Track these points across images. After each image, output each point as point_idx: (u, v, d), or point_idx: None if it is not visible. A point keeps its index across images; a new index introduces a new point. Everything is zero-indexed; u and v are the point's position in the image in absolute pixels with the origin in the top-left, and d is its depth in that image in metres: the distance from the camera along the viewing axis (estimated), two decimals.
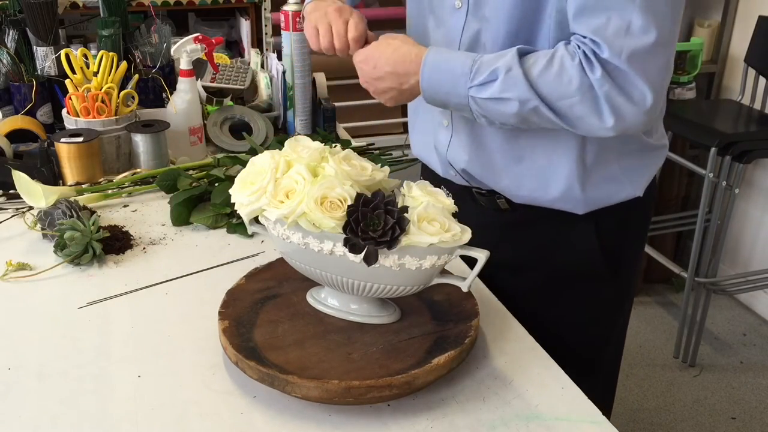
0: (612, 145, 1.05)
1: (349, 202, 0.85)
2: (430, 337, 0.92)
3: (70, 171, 1.40)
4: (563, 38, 0.96)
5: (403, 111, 3.21)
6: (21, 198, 1.36)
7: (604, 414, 0.85)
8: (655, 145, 1.12)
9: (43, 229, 1.21)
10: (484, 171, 1.12)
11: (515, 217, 1.14)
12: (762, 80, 2.53)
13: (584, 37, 0.92)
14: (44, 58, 1.65)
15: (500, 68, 0.94)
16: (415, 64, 1.01)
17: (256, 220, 0.93)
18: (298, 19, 1.57)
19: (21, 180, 1.26)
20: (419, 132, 1.25)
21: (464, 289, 0.92)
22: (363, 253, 0.84)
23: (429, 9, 1.12)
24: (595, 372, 1.28)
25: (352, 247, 0.84)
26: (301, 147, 0.91)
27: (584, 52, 0.91)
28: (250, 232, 0.97)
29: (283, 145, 0.93)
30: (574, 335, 1.18)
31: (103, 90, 1.46)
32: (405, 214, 0.84)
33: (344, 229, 0.84)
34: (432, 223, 0.85)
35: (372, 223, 0.83)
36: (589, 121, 0.93)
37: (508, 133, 1.07)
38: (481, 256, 0.88)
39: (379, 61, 1.03)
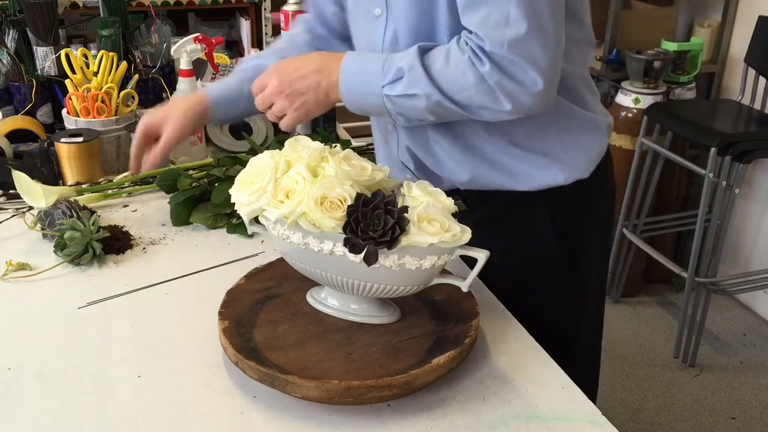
0: (549, 121, 1.07)
1: (349, 202, 0.85)
2: (430, 337, 0.92)
3: (70, 171, 1.40)
4: (458, 29, 1.00)
5: None
6: (21, 198, 1.36)
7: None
8: (597, 120, 1.13)
9: (43, 229, 1.21)
10: (432, 162, 1.14)
11: (476, 217, 1.14)
12: (762, 80, 2.53)
13: (470, 32, 0.96)
14: (44, 58, 1.65)
15: (404, 66, 0.98)
16: (336, 63, 1.04)
17: (256, 220, 0.93)
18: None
19: (21, 180, 1.26)
20: (379, 146, 1.28)
21: (464, 289, 0.92)
22: (363, 253, 0.84)
23: (353, 20, 1.17)
24: (571, 365, 1.27)
25: (352, 247, 0.84)
26: (301, 147, 0.91)
27: (471, 47, 0.96)
28: (250, 232, 0.97)
29: (283, 145, 0.93)
30: (545, 330, 1.18)
31: (103, 90, 1.46)
32: (405, 214, 0.84)
33: (344, 229, 0.84)
34: (432, 223, 0.85)
35: (372, 223, 0.83)
36: (489, 108, 0.98)
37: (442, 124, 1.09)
38: (481, 256, 0.88)
39: (300, 63, 1.06)
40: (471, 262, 0.90)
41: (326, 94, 1.04)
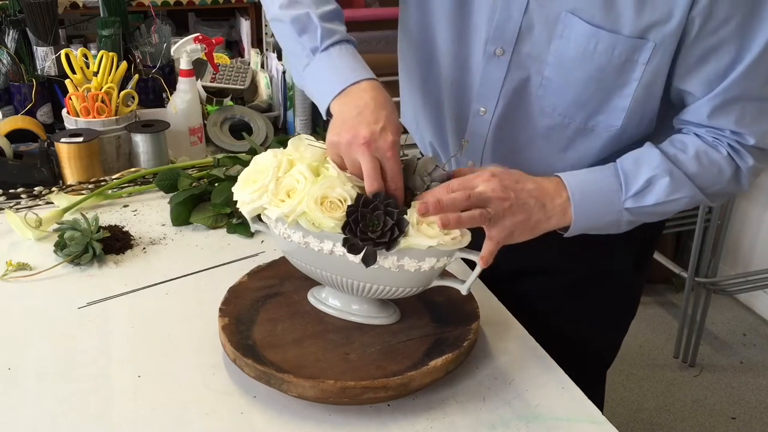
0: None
1: (349, 203, 0.85)
2: (429, 339, 0.92)
3: (70, 171, 1.40)
4: (636, 111, 0.96)
5: None
6: (21, 197, 1.36)
7: (599, 407, 0.86)
8: None
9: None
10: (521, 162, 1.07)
11: None
12: None
13: (722, 130, 0.94)
14: (44, 58, 1.65)
15: (657, 174, 0.93)
16: (557, 188, 0.93)
17: (259, 218, 0.93)
18: None
19: (14, 220, 1.24)
20: (428, 125, 1.20)
21: (463, 292, 0.91)
22: (361, 254, 0.84)
23: (444, 49, 1.07)
24: (604, 369, 1.28)
25: (351, 247, 0.84)
26: (304, 146, 0.91)
27: (729, 144, 0.95)
28: (252, 230, 0.97)
29: (283, 145, 0.93)
30: (595, 335, 1.18)
31: (103, 90, 1.46)
32: (404, 216, 0.84)
33: (343, 229, 0.84)
34: (431, 225, 0.85)
35: (371, 224, 0.83)
36: (729, 194, 1.01)
37: (546, 152, 1.05)
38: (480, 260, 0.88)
39: (519, 176, 0.92)
40: (471, 262, 0.90)
41: (548, 218, 0.91)
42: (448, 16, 1.04)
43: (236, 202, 0.92)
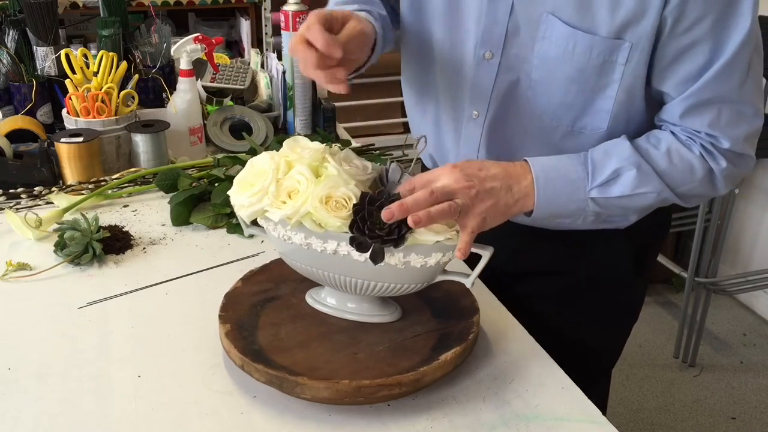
0: None
1: (354, 201, 0.85)
2: (434, 335, 0.92)
3: (70, 171, 1.40)
4: (621, 113, 0.97)
5: (403, 111, 3.21)
6: (21, 197, 1.36)
7: (602, 410, 0.86)
8: None
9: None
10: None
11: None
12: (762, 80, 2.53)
13: (698, 132, 0.94)
14: (44, 58, 1.65)
15: (624, 165, 0.93)
16: (522, 170, 0.93)
17: (254, 222, 0.93)
18: (298, 19, 1.57)
19: (14, 220, 1.24)
20: (426, 128, 1.20)
21: (468, 285, 0.91)
22: (369, 252, 0.84)
23: (439, 55, 1.07)
24: (606, 370, 1.28)
25: (359, 245, 0.84)
26: (301, 147, 0.91)
27: (702, 144, 0.95)
28: (246, 235, 0.96)
29: (282, 145, 0.93)
30: (595, 337, 1.18)
31: (103, 90, 1.46)
32: None
33: (351, 227, 0.84)
34: None
35: (378, 221, 0.83)
36: (704, 196, 0.99)
37: (545, 136, 1.05)
38: (486, 252, 0.88)
39: (483, 163, 0.92)
40: (472, 260, 0.90)
41: (516, 201, 0.91)
42: (441, 19, 1.05)
43: (233, 206, 0.92)
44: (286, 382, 0.83)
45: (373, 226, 0.83)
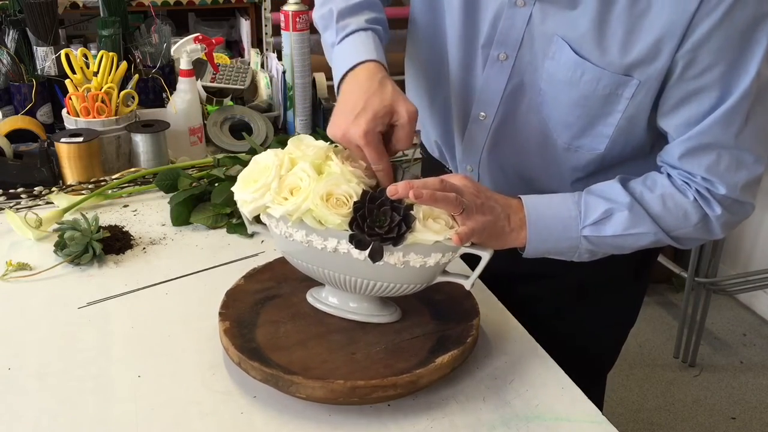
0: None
1: (355, 199, 0.85)
2: (432, 337, 0.92)
3: (70, 171, 1.40)
4: (620, 138, 0.97)
5: None
6: (21, 197, 1.36)
7: (600, 410, 0.86)
8: None
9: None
10: (519, 169, 1.09)
11: None
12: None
13: (694, 175, 0.94)
14: (44, 58, 1.65)
15: (616, 206, 0.94)
16: (517, 206, 0.94)
17: (256, 219, 0.93)
18: (298, 19, 1.57)
19: (14, 220, 1.24)
20: (434, 124, 1.20)
21: (467, 287, 0.92)
22: (368, 250, 0.84)
23: (450, 51, 1.07)
24: (601, 377, 1.28)
25: (358, 243, 0.84)
26: (305, 145, 0.91)
27: (697, 190, 0.94)
28: (249, 231, 0.97)
29: (282, 145, 0.93)
30: (592, 340, 1.18)
31: (103, 90, 1.46)
32: (411, 212, 0.84)
33: (350, 225, 0.84)
34: (437, 220, 0.85)
35: (378, 220, 0.83)
36: (699, 239, 0.99)
37: (539, 160, 1.06)
38: (486, 254, 0.88)
39: (480, 188, 0.92)
40: (472, 262, 0.90)
41: (511, 230, 0.92)
42: (456, 17, 1.04)
43: (236, 202, 0.92)
44: (281, 380, 0.83)
45: (372, 224, 0.83)
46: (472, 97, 1.06)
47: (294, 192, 0.86)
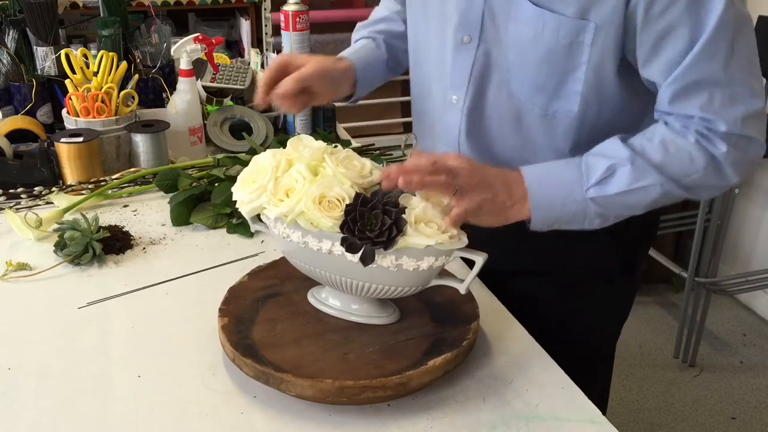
0: None
1: (347, 202, 0.85)
2: (428, 339, 0.92)
3: (70, 171, 1.40)
4: (591, 96, 0.98)
5: (403, 111, 3.21)
6: (21, 197, 1.36)
7: (601, 411, 0.86)
8: None
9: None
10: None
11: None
12: (762, 80, 2.53)
13: (691, 117, 0.93)
14: (44, 58, 1.65)
15: (618, 162, 0.93)
16: (518, 178, 0.94)
17: (258, 218, 0.94)
18: (298, 19, 1.57)
19: (14, 220, 1.24)
20: (416, 117, 1.24)
21: (462, 291, 0.91)
22: (360, 253, 0.84)
23: (423, 41, 1.12)
24: (593, 373, 1.28)
25: (349, 246, 0.84)
26: (303, 146, 0.91)
27: (697, 131, 0.93)
28: (252, 230, 0.97)
29: (282, 145, 0.93)
30: (586, 336, 1.18)
31: (103, 90, 1.46)
32: (403, 215, 0.84)
33: (341, 228, 0.84)
34: (429, 224, 0.85)
35: (369, 223, 0.83)
36: (715, 186, 0.96)
37: (516, 140, 1.07)
38: (479, 258, 0.88)
39: (486, 163, 0.94)
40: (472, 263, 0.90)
41: (513, 204, 0.93)
42: (425, 6, 1.08)
43: (236, 202, 0.92)
44: (272, 377, 0.83)
45: (363, 228, 0.83)
46: (445, 83, 1.09)
47: (289, 193, 0.86)
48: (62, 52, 1.50)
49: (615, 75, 0.97)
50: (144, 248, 1.21)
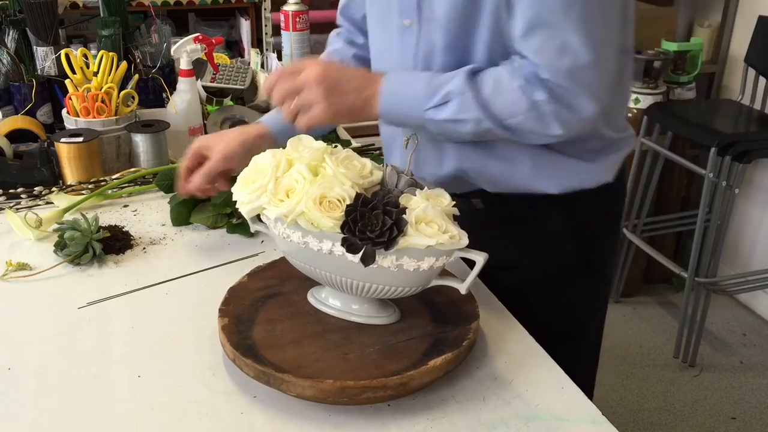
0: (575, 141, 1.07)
1: (348, 202, 0.85)
2: (428, 339, 0.92)
3: (70, 171, 1.40)
4: (499, 47, 1.00)
5: None
6: (21, 197, 1.36)
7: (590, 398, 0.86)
8: (620, 137, 1.14)
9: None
10: (467, 174, 1.13)
11: (490, 218, 1.14)
12: (762, 80, 2.53)
13: (526, 59, 0.95)
14: (44, 58, 1.65)
15: (453, 91, 0.97)
16: (378, 80, 1.01)
17: (258, 218, 0.94)
18: (298, 19, 1.57)
19: (14, 220, 1.24)
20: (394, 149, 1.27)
21: (462, 291, 0.92)
22: (360, 254, 0.84)
23: (376, 30, 1.15)
24: (573, 363, 1.28)
25: (350, 246, 0.84)
26: (303, 146, 0.91)
27: (525, 74, 0.95)
28: (252, 231, 0.97)
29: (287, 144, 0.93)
30: (552, 328, 1.18)
31: (103, 90, 1.46)
32: (403, 216, 0.84)
33: (342, 228, 0.84)
34: (430, 224, 0.85)
35: (370, 224, 0.83)
36: (537, 133, 0.97)
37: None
38: (480, 258, 0.88)
39: (345, 68, 1.04)
40: (472, 263, 0.90)
41: (364, 104, 1.00)
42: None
43: (236, 202, 0.92)
44: (272, 378, 0.83)
45: (364, 228, 0.83)
46: (398, 67, 1.11)
47: (290, 194, 0.86)
48: (62, 52, 1.50)
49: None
50: (144, 248, 1.21)
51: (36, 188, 1.38)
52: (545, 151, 1.06)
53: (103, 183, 1.40)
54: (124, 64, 1.52)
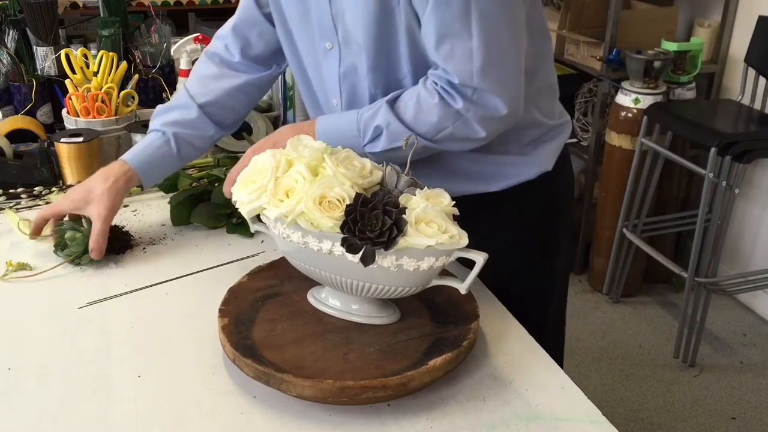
0: (515, 129, 1.10)
1: (348, 202, 0.85)
2: (428, 339, 0.92)
3: (70, 171, 1.40)
4: (420, 59, 1.03)
5: None
6: (21, 197, 1.36)
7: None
8: (557, 124, 1.19)
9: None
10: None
11: None
12: (762, 80, 2.53)
13: (440, 69, 1.00)
14: (44, 58, 1.65)
15: (380, 125, 1.02)
16: (311, 129, 1.06)
17: (258, 218, 0.94)
18: None
19: (13, 219, 1.24)
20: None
21: (462, 291, 0.92)
22: (360, 254, 0.84)
23: (300, 52, 1.16)
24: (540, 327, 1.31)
25: (350, 246, 0.84)
26: (303, 146, 0.91)
27: (442, 86, 1.00)
28: (252, 231, 0.97)
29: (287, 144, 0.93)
30: (518, 317, 1.20)
31: (103, 90, 1.46)
32: (403, 216, 0.84)
33: (342, 228, 0.84)
34: (430, 224, 0.85)
35: (370, 224, 0.83)
36: (469, 139, 1.03)
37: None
38: (480, 258, 0.88)
39: (275, 137, 1.07)
40: (470, 263, 0.90)
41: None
42: (297, 25, 1.13)
43: (236, 202, 0.92)
44: (272, 378, 0.83)
45: (364, 228, 0.83)
46: (324, 92, 1.15)
47: (289, 194, 0.86)
48: (62, 52, 1.50)
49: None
50: (144, 248, 1.21)
51: (36, 188, 1.38)
52: (480, 155, 1.11)
53: None
54: (124, 64, 1.52)
